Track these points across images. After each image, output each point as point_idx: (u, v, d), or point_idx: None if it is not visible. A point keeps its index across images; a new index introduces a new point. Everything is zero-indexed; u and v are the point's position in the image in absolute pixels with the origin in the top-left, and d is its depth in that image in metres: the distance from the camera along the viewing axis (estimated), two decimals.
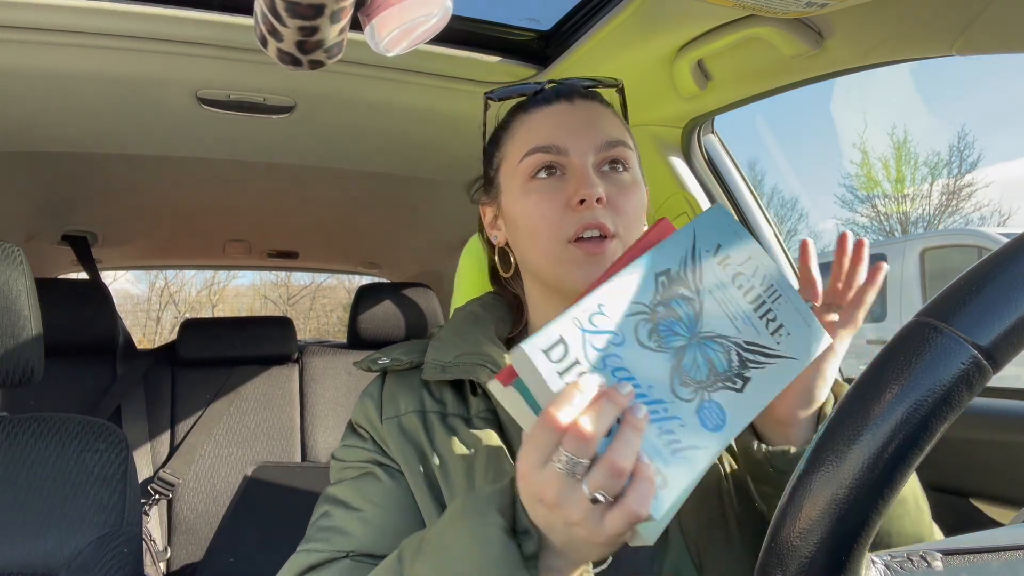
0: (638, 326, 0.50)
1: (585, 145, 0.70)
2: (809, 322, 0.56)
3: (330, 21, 0.56)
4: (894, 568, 0.36)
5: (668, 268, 0.53)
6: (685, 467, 0.46)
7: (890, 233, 12.32)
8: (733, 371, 0.51)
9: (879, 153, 13.25)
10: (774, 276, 0.56)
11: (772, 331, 0.53)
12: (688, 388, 0.49)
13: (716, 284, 0.54)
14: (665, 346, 0.50)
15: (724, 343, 0.52)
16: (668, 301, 0.52)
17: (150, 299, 13.27)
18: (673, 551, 0.63)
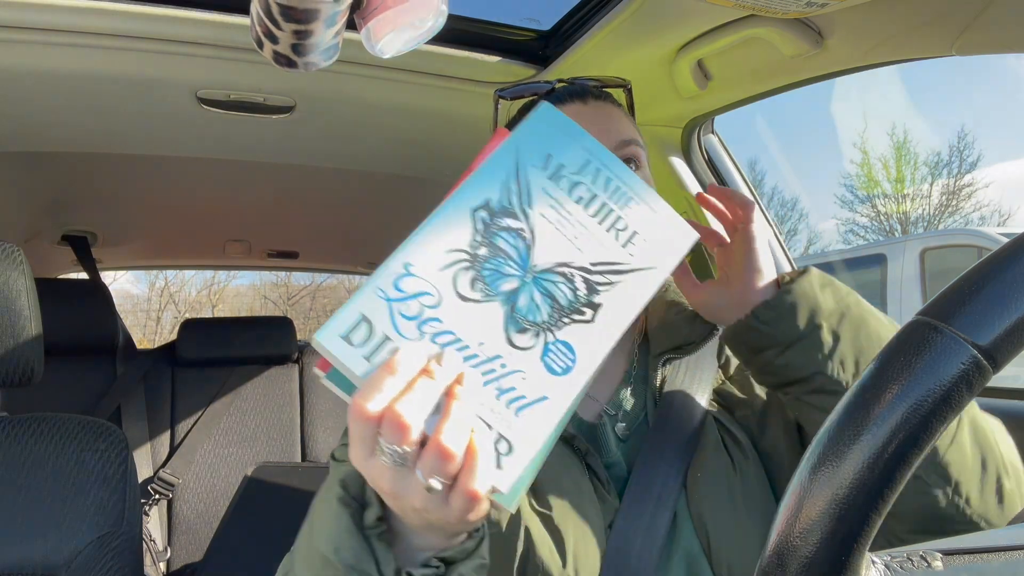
0: (457, 277, 0.44)
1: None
2: (668, 219, 0.49)
3: (325, 25, 0.56)
4: (894, 568, 0.36)
5: (487, 200, 0.46)
6: (534, 424, 0.42)
7: (890, 233, 12.32)
8: (580, 301, 0.45)
9: (879, 153, 13.25)
10: (618, 174, 0.49)
11: (623, 242, 0.47)
12: (527, 334, 0.43)
13: (549, 204, 0.47)
14: (493, 293, 0.44)
15: (566, 271, 0.45)
16: (491, 239, 0.45)
17: (150, 299, 13.27)
18: (684, 537, 0.64)
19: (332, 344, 0.41)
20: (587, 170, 0.48)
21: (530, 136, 0.49)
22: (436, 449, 0.40)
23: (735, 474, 0.67)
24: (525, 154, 0.48)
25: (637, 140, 0.74)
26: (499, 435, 0.41)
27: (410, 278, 0.43)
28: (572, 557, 0.61)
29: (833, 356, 0.62)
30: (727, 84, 1.12)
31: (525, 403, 0.42)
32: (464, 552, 0.47)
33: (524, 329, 0.44)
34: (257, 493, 1.90)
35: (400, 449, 0.40)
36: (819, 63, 0.98)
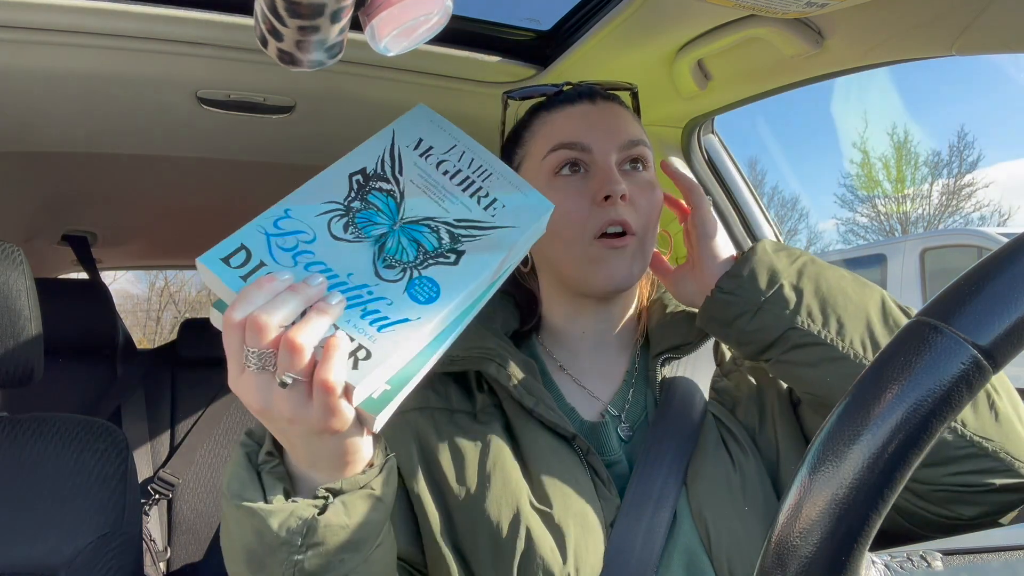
0: (331, 222, 0.51)
1: (608, 143, 0.73)
2: (527, 193, 0.57)
3: (330, 21, 0.56)
4: (894, 568, 0.36)
5: (363, 167, 0.55)
6: (394, 339, 0.46)
7: (890, 233, 12.33)
8: (445, 248, 0.52)
9: (879, 153, 13.25)
10: (483, 158, 0.57)
11: (485, 206, 0.55)
12: (394, 270, 0.50)
13: (417, 173, 0.55)
14: (364, 236, 0.51)
15: (431, 224, 0.53)
16: (365, 195, 0.53)
17: (150, 299, 13.28)
18: (684, 535, 0.64)
19: (212, 265, 0.47)
20: (454, 151, 0.57)
21: (405, 126, 0.58)
22: (287, 343, 0.43)
23: (735, 471, 0.67)
24: (400, 137, 0.57)
25: (644, 141, 0.76)
26: (359, 345, 0.46)
27: (288, 219, 0.51)
28: (573, 555, 0.61)
29: (800, 310, 0.64)
30: (727, 84, 1.12)
31: (388, 322, 0.47)
32: (353, 484, 0.50)
33: (391, 266, 0.50)
34: None
35: (259, 351, 0.44)
36: (819, 63, 0.98)
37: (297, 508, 0.49)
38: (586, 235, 0.71)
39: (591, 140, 0.73)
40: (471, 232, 0.53)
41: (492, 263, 0.52)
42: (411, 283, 0.50)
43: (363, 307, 0.48)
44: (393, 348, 0.46)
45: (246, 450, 0.53)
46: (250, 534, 0.50)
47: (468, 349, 0.72)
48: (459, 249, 0.52)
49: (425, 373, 0.50)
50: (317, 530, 0.48)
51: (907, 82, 14.72)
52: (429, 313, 0.49)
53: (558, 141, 0.73)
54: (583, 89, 0.78)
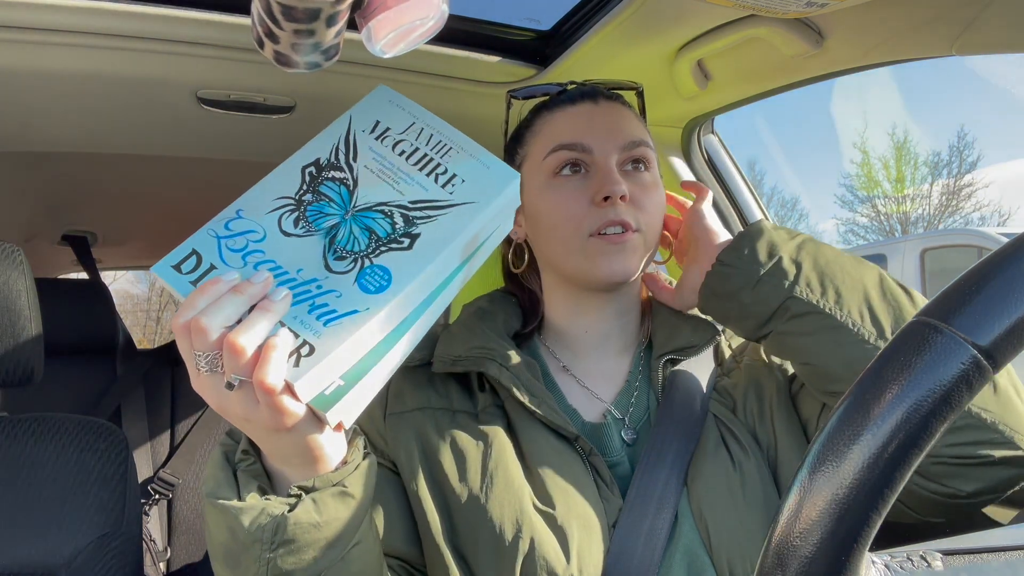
0: (282, 218, 0.51)
1: (609, 144, 0.72)
2: (490, 165, 0.53)
3: (326, 25, 0.56)
4: (894, 568, 0.36)
5: (317, 159, 0.54)
6: (339, 331, 0.46)
7: (890, 233, 12.32)
8: (398, 233, 0.50)
9: (879, 153, 13.25)
10: (443, 133, 0.54)
11: (442, 184, 0.52)
12: (344, 261, 0.49)
13: (372, 158, 0.53)
14: (314, 229, 0.50)
15: (384, 209, 0.51)
16: (316, 187, 0.52)
17: (150, 299, 13.27)
18: (686, 535, 0.64)
19: (163, 272, 0.48)
20: (411, 130, 0.54)
21: (364, 109, 0.55)
22: (227, 346, 0.44)
23: (735, 472, 0.67)
24: (356, 122, 0.54)
25: (647, 141, 0.76)
26: (304, 341, 0.45)
27: (239, 220, 0.50)
28: (576, 555, 0.61)
29: (799, 280, 0.65)
30: (727, 84, 1.12)
31: (334, 316, 0.46)
32: (325, 481, 0.50)
33: (342, 257, 0.49)
34: None
35: (206, 353, 0.45)
36: (819, 63, 0.98)
37: (268, 506, 0.49)
38: (582, 233, 0.71)
39: (592, 141, 0.73)
40: (427, 213, 0.50)
41: (450, 242, 0.49)
42: (362, 273, 0.48)
43: (311, 302, 0.47)
44: (337, 342, 0.45)
45: (224, 449, 0.53)
46: (224, 532, 0.50)
47: (470, 349, 0.72)
48: (413, 232, 0.49)
49: (391, 367, 0.49)
50: (287, 528, 0.48)
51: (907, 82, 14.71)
52: (378, 303, 0.47)
53: (558, 142, 0.73)
54: (586, 89, 0.78)
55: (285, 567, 0.49)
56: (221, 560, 0.52)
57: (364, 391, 0.48)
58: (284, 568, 0.49)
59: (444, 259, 0.49)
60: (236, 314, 0.45)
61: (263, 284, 0.46)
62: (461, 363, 0.72)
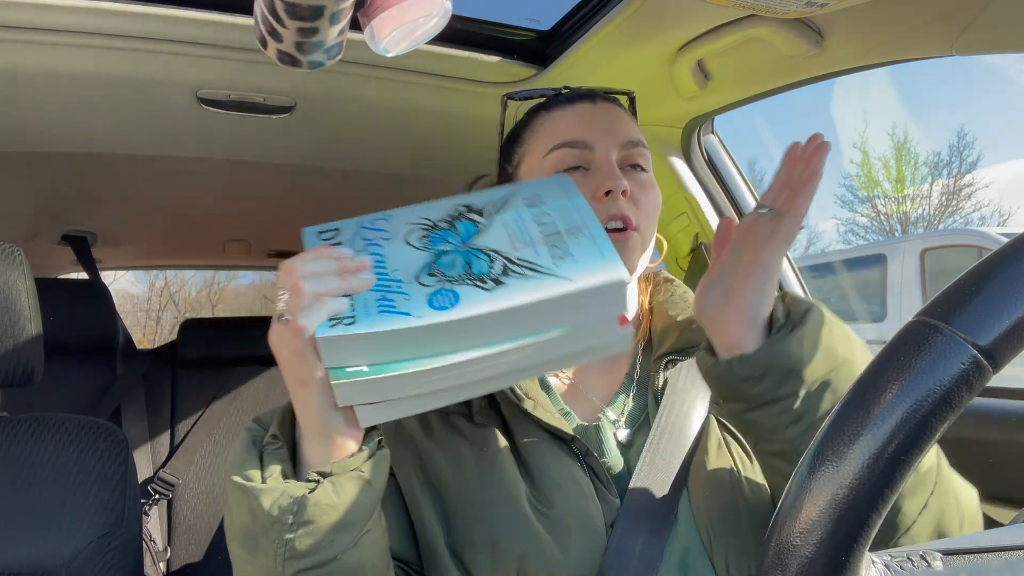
0: (412, 231, 0.57)
1: (609, 142, 0.73)
2: (605, 255, 0.53)
3: (329, 22, 0.56)
4: (894, 568, 0.36)
5: (471, 203, 0.59)
6: (382, 320, 0.49)
7: (890, 233, 12.32)
8: (489, 276, 0.52)
9: (879, 153, 13.25)
10: (586, 222, 0.55)
11: (554, 256, 0.53)
12: (433, 279, 0.52)
13: (513, 217, 0.57)
14: (429, 248, 0.55)
15: (493, 255, 0.54)
16: (454, 222, 0.57)
17: (150, 299, 13.26)
18: (685, 536, 0.64)
19: (308, 234, 0.56)
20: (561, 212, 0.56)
21: (536, 185, 0.60)
22: (293, 287, 0.50)
23: (736, 473, 0.67)
24: (524, 191, 0.59)
25: (643, 142, 0.76)
26: (352, 314, 0.49)
27: (384, 220, 0.58)
28: (574, 556, 0.61)
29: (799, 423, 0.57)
30: (727, 84, 1.12)
31: (389, 309, 0.50)
32: (342, 467, 0.53)
33: (433, 275, 0.53)
34: None
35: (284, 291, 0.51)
36: (819, 63, 0.98)
37: (289, 487, 0.51)
38: None
39: (593, 138, 0.73)
40: (523, 271, 0.52)
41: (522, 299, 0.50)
42: (438, 291, 0.51)
43: (383, 294, 0.51)
44: (375, 326, 0.48)
45: (251, 434, 0.56)
46: (245, 513, 0.51)
47: None
48: (501, 280, 0.51)
49: (419, 390, 0.51)
50: (307, 508, 0.50)
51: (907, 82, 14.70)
52: (432, 317, 0.49)
53: (560, 140, 0.73)
54: (583, 90, 0.79)
55: (302, 548, 0.51)
56: (240, 542, 0.53)
57: (381, 388, 0.50)
58: (300, 550, 0.51)
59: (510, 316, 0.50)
60: (323, 272, 0.50)
61: (357, 264, 0.52)
62: None
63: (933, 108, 15.57)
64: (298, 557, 0.51)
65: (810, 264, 6.90)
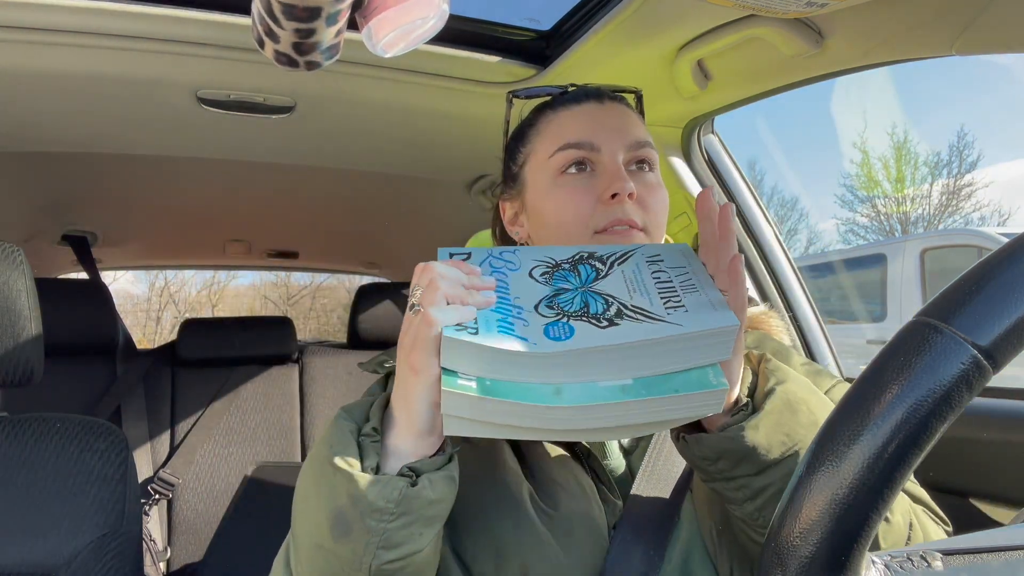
0: (536, 267, 0.60)
1: (616, 143, 0.72)
2: (716, 306, 0.54)
3: (326, 24, 0.56)
4: (894, 568, 0.36)
5: (595, 251, 0.62)
6: (501, 340, 0.51)
7: (890, 233, 12.32)
8: (604, 316, 0.54)
9: (879, 153, 13.24)
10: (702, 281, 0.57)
11: (667, 305, 0.55)
12: (552, 311, 0.55)
13: (632, 269, 0.60)
14: (551, 283, 0.58)
15: (609, 299, 0.56)
16: (576, 264, 0.60)
17: (150, 299, 13.26)
18: (688, 538, 0.64)
19: (442, 253, 0.60)
20: (678, 271, 0.59)
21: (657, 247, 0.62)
22: (431, 283, 0.53)
23: None
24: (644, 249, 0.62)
25: (650, 143, 0.75)
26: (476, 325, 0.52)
27: (512, 254, 0.62)
28: (576, 558, 0.61)
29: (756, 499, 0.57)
30: (727, 84, 1.12)
31: (510, 332, 0.52)
32: (432, 464, 0.55)
33: (551, 307, 0.56)
34: (257, 493, 1.90)
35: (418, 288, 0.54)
36: (819, 63, 0.98)
37: (395, 480, 0.52)
38: (588, 231, 0.70)
39: (599, 139, 0.72)
40: (637, 315, 0.54)
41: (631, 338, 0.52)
42: (555, 322, 0.54)
43: (505, 315, 0.54)
44: (494, 344, 0.51)
45: (345, 425, 0.57)
46: (344, 498, 0.52)
47: None
48: (616, 321, 0.54)
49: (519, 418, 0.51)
50: (411, 501, 0.52)
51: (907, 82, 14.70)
52: (546, 347, 0.51)
53: (566, 140, 0.73)
54: (590, 89, 0.78)
55: (396, 539, 0.52)
56: (327, 526, 0.53)
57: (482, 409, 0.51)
58: (395, 540, 0.52)
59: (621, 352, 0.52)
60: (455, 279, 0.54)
61: (484, 282, 0.56)
62: None
63: (933, 108, 15.56)
64: (391, 547, 0.52)
65: (810, 264, 6.90)
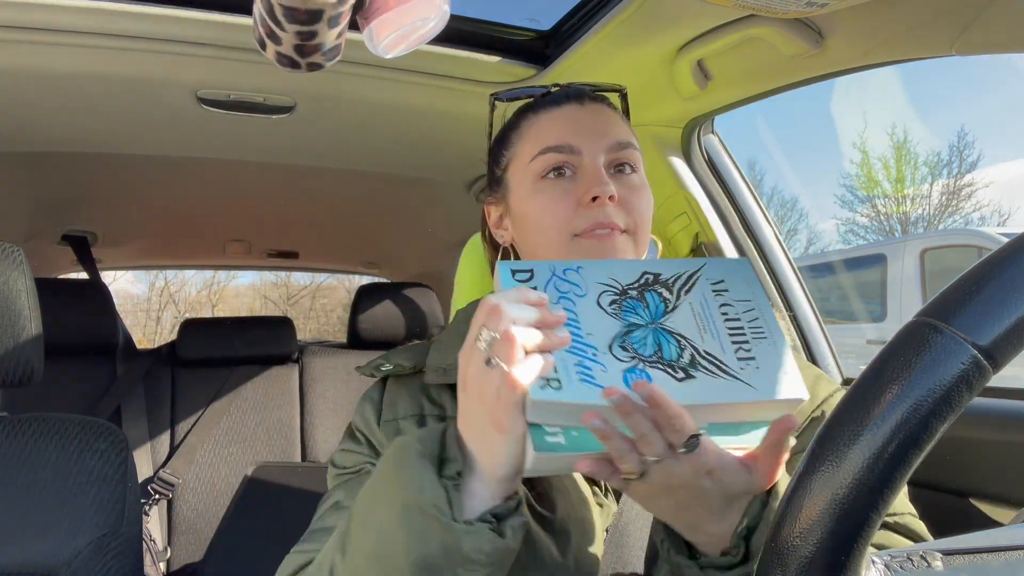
0: (603, 294, 0.57)
1: (597, 146, 0.71)
2: (788, 370, 0.54)
3: (328, 26, 0.56)
4: (894, 568, 0.36)
5: (659, 272, 0.59)
6: (584, 391, 0.50)
7: (890, 233, 12.32)
8: (680, 363, 0.53)
9: (879, 153, 13.24)
10: (767, 323, 0.57)
11: (739, 357, 0.54)
12: (626, 353, 0.53)
13: (700, 301, 0.57)
14: (619, 317, 0.55)
15: (682, 341, 0.55)
16: (643, 291, 0.58)
17: (150, 299, 13.26)
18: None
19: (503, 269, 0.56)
20: (744, 304, 0.58)
21: (719, 266, 0.60)
22: (505, 334, 0.50)
23: None
24: (707, 270, 0.59)
25: (632, 144, 0.74)
26: (558, 378, 0.51)
27: (575, 273, 0.58)
28: (573, 558, 0.61)
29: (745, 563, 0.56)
30: (727, 84, 1.12)
31: (589, 379, 0.51)
32: (508, 509, 0.54)
33: (625, 349, 0.54)
34: (257, 493, 1.90)
35: (489, 333, 0.51)
36: (819, 63, 0.98)
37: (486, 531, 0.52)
38: (568, 234, 0.69)
39: (579, 142, 0.71)
40: (711, 368, 0.53)
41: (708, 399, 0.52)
42: (633, 369, 0.52)
43: (580, 358, 0.52)
44: (578, 396, 0.50)
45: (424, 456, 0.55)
46: (435, 546, 0.51)
47: None
48: (691, 373, 0.53)
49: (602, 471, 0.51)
50: (501, 552, 0.52)
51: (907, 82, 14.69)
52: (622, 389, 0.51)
53: (546, 144, 0.72)
54: (571, 91, 0.77)
55: None
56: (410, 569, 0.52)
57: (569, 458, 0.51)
58: None
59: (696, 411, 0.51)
60: (527, 320, 0.51)
61: (557, 317, 0.52)
62: (452, 373, 0.71)
63: (933, 108, 15.56)
64: None
65: (810, 264, 6.89)
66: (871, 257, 6.11)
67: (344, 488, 0.68)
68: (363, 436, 0.71)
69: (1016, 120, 14.40)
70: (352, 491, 0.67)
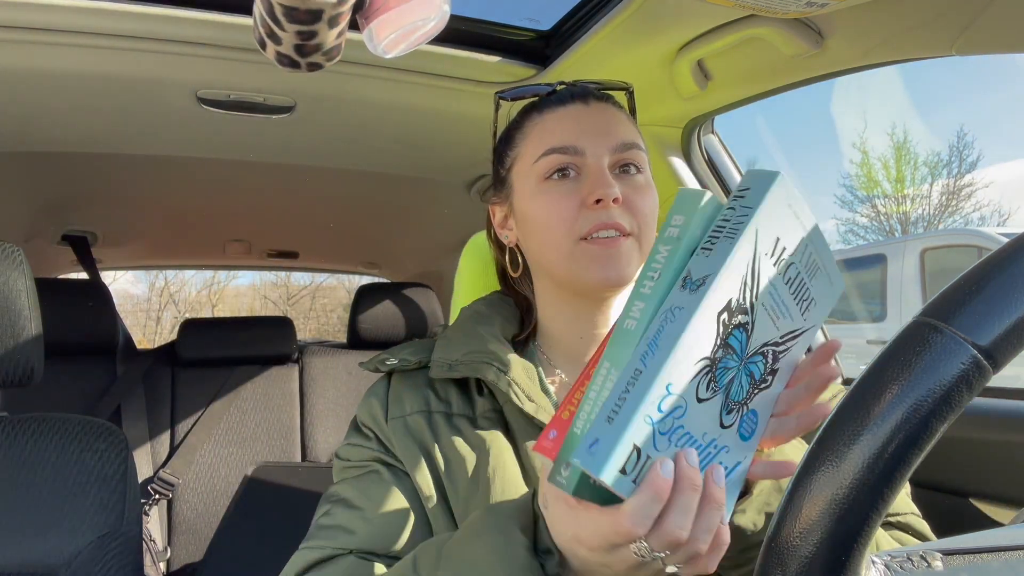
0: (699, 384, 0.46)
1: (601, 146, 0.71)
2: (834, 280, 0.53)
3: (328, 26, 0.56)
4: (894, 568, 0.36)
5: (729, 300, 0.47)
6: (735, 488, 0.48)
7: (890, 233, 12.32)
8: (766, 372, 0.50)
9: (879, 153, 13.24)
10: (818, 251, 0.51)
11: (803, 310, 0.51)
12: (732, 413, 0.48)
13: (769, 292, 0.49)
14: (718, 388, 0.47)
15: (765, 350, 0.49)
16: (726, 340, 0.47)
17: (150, 299, 13.26)
18: None
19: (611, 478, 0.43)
20: (800, 251, 0.50)
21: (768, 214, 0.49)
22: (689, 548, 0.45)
23: None
24: (762, 241, 0.48)
25: (638, 143, 0.73)
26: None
27: (669, 397, 0.45)
28: None
29: (740, 567, 0.58)
30: (727, 84, 1.12)
31: (731, 473, 0.48)
32: None
33: (731, 410, 0.48)
34: (257, 493, 1.90)
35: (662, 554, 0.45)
36: (819, 63, 0.98)
37: None
38: (573, 237, 0.69)
39: (583, 143, 0.71)
40: (787, 345, 0.50)
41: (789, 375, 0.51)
42: (742, 422, 0.49)
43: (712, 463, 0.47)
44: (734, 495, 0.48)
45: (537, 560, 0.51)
46: None
47: (466, 354, 0.71)
48: (775, 367, 0.50)
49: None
50: None
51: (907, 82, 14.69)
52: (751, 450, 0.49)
53: (550, 145, 0.71)
54: (576, 90, 0.76)
55: None
56: None
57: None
58: None
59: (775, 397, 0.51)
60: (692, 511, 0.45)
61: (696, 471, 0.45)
62: (458, 368, 0.71)
63: (933, 108, 15.56)
64: None
65: None
66: (871, 257, 6.12)
67: (354, 486, 0.68)
68: (371, 431, 0.71)
69: (1016, 120, 14.39)
70: (364, 490, 0.67)
